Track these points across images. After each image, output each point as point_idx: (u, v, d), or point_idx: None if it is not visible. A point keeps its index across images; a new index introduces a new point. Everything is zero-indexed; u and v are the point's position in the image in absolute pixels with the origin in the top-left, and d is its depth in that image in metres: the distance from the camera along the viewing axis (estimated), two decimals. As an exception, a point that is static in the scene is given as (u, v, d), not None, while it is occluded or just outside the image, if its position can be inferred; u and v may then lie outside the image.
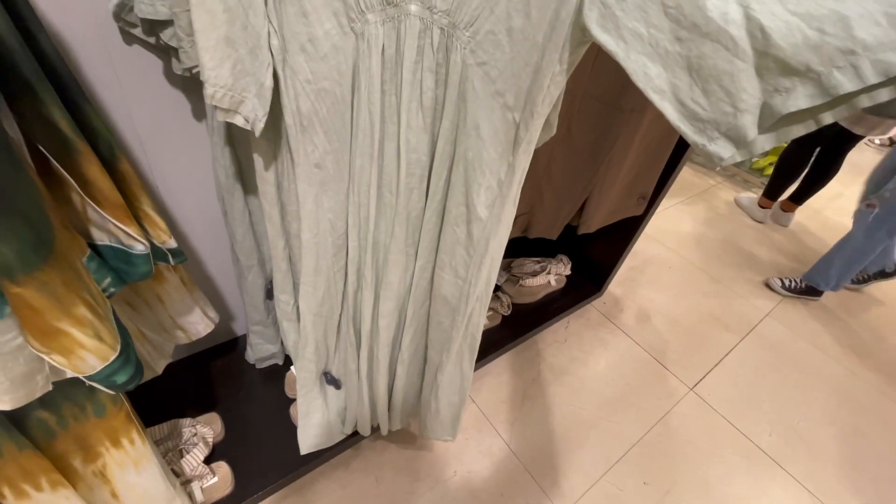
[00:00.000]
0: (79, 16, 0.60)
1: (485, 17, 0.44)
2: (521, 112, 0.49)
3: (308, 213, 0.60)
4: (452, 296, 0.68)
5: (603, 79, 0.83)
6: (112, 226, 0.52)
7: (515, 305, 1.45)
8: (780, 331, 1.64)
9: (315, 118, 0.53)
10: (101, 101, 0.67)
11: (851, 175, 2.84)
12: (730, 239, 2.08)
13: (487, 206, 0.56)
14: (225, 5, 0.43)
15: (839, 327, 1.70)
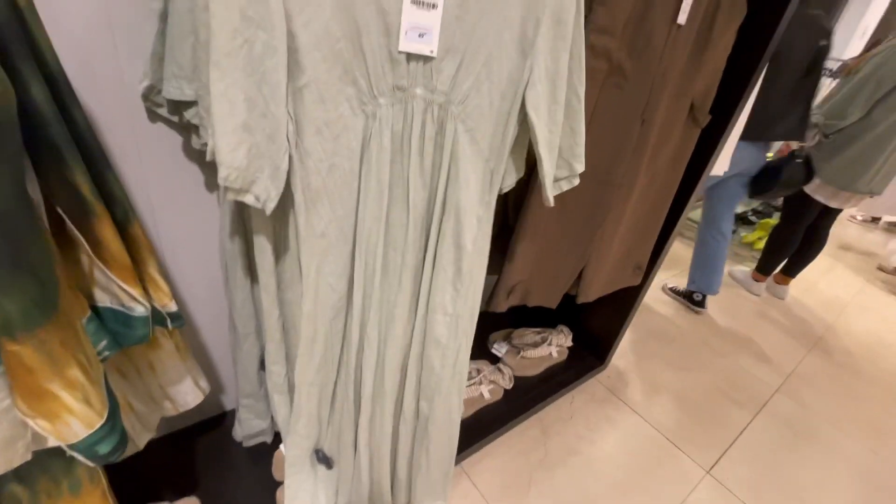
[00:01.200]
0: (110, 94, 0.66)
1: (473, 96, 0.56)
2: (494, 162, 0.63)
3: (310, 284, 0.62)
4: (443, 335, 0.71)
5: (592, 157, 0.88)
6: (116, 287, 0.52)
7: (517, 378, 1.40)
8: (793, 407, 1.58)
9: (323, 192, 0.56)
10: (120, 168, 0.71)
11: (841, 250, 2.92)
12: (729, 312, 2.08)
13: (472, 241, 0.65)
14: (245, 95, 0.46)
15: (852, 404, 1.64)
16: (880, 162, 1.66)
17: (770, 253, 2.12)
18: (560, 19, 0.55)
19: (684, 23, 0.77)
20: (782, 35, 0.92)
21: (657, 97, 0.83)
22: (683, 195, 1.16)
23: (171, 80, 0.64)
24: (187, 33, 0.60)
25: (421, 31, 0.50)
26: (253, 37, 0.44)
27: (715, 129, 1.04)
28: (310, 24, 0.46)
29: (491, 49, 0.54)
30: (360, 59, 0.50)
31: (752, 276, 2.22)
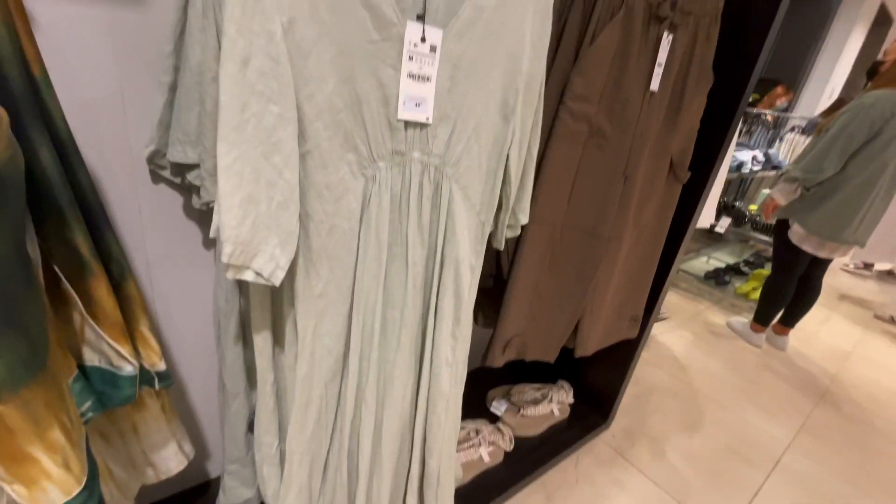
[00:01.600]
0: (116, 157, 0.69)
1: (465, 157, 0.61)
2: (485, 215, 0.68)
3: (306, 346, 0.61)
4: (447, 386, 0.70)
5: (579, 210, 0.91)
6: (106, 345, 0.52)
7: (518, 439, 1.34)
8: (806, 464, 1.51)
9: (323, 252, 0.57)
10: (120, 225, 0.73)
11: (836, 300, 2.93)
12: (730, 364, 2.04)
13: (468, 289, 0.68)
14: (252, 167, 0.46)
15: (869, 460, 1.57)
16: (862, 213, 1.71)
17: (765, 303, 2.13)
18: (530, 88, 0.62)
19: (657, 90, 0.84)
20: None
21: (637, 156, 0.88)
22: (672, 247, 1.18)
23: (175, 145, 0.67)
24: (194, 103, 0.64)
25: (417, 102, 0.54)
26: (263, 110, 0.45)
27: (696, 185, 1.09)
28: (313, 96, 0.48)
29: (479, 116, 0.59)
30: (361, 128, 0.53)
31: (751, 327, 2.21)
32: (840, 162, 1.67)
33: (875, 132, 1.60)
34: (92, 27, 0.61)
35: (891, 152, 1.62)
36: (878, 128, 1.59)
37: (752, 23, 0.96)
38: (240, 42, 0.42)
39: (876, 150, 1.62)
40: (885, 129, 1.59)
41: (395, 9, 0.48)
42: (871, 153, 1.63)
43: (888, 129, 1.59)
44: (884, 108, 1.58)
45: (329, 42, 0.47)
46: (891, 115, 1.57)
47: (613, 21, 0.74)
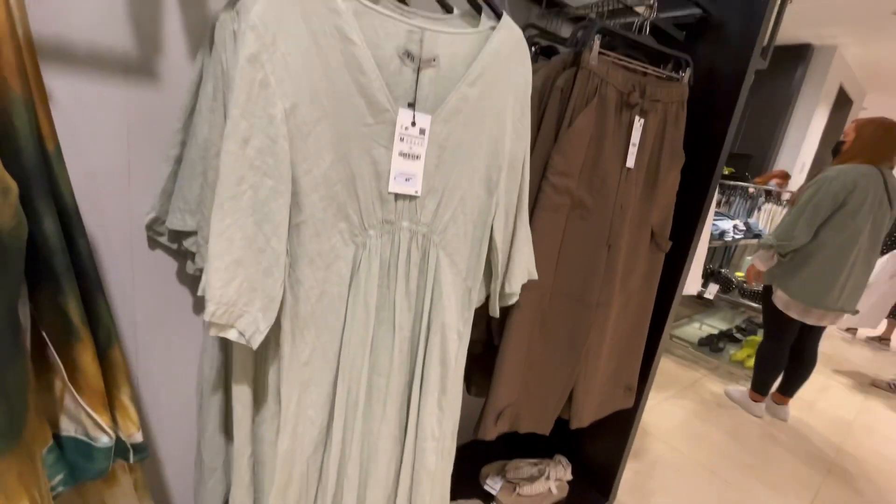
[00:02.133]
0: (115, 222, 0.72)
1: (452, 226, 0.64)
2: (472, 281, 0.69)
3: (289, 418, 0.60)
4: (433, 462, 0.67)
5: (566, 278, 0.94)
6: (84, 415, 0.50)
7: (512, 521, 1.26)
8: (822, 549, 1.41)
9: (311, 319, 0.58)
10: (112, 290, 0.74)
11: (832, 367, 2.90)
12: (733, 435, 1.97)
13: (455, 356, 0.68)
14: (244, 233, 0.49)
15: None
16: (842, 279, 1.76)
17: (760, 371, 2.11)
18: (513, 166, 0.67)
19: (633, 166, 0.90)
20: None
21: (619, 226, 0.92)
22: (662, 314, 1.20)
23: (175, 213, 0.70)
24: (197, 175, 0.68)
25: (407, 177, 0.58)
26: (259, 183, 0.49)
27: (679, 253, 1.13)
28: (311, 171, 0.52)
29: (465, 189, 0.63)
30: (354, 199, 0.56)
31: (750, 397, 2.17)
32: (809, 230, 1.77)
33: (840, 203, 1.72)
34: (107, 104, 0.66)
35: (859, 221, 1.72)
36: (841, 199, 1.71)
37: (716, 108, 1.05)
38: (242, 124, 0.46)
39: (844, 219, 1.72)
40: (848, 199, 1.71)
41: (388, 97, 0.53)
42: (841, 222, 1.73)
43: (851, 199, 1.70)
44: (845, 181, 1.70)
45: (328, 124, 0.51)
46: (853, 186, 1.70)
47: (589, 107, 0.81)
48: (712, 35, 1.05)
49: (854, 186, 1.69)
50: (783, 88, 3.83)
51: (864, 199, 1.70)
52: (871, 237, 1.76)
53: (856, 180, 1.69)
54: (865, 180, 1.70)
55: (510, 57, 0.61)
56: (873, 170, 1.72)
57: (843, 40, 3.60)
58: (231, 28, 0.63)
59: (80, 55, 0.62)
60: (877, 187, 1.71)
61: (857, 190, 1.69)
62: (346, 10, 0.48)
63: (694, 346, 2.75)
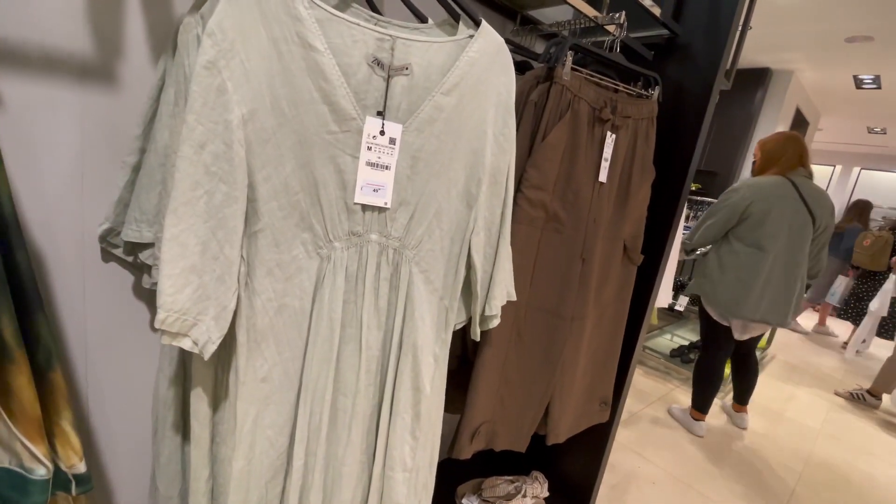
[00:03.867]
0: (63, 234, 0.67)
1: (426, 241, 0.62)
2: (448, 300, 0.66)
3: (244, 437, 0.57)
4: (402, 495, 0.63)
5: (541, 291, 0.93)
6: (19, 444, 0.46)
7: (488, 541, 1.22)
8: (793, 560, 1.43)
9: (270, 332, 0.55)
10: (59, 308, 0.68)
11: (800, 375, 2.99)
12: (706, 446, 1.99)
13: (430, 380, 0.64)
14: (198, 239, 0.48)
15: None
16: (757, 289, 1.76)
17: (697, 387, 2.07)
18: (496, 180, 0.65)
19: (605, 181, 0.91)
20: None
21: (592, 239, 0.93)
22: (634, 327, 1.21)
23: (131, 224, 0.66)
24: (156, 183, 0.65)
25: (375, 187, 0.56)
26: (214, 188, 0.47)
27: (651, 266, 1.14)
28: (270, 178, 0.50)
29: (441, 202, 0.61)
30: (318, 209, 0.54)
31: (691, 414, 2.11)
32: (705, 236, 1.86)
33: (741, 213, 1.77)
34: (60, 108, 0.62)
35: (767, 231, 1.74)
36: (741, 209, 1.76)
37: (685, 125, 1.08)
38: (198, 129, 0.44)
39: (751, 228, 1.77)
40: (749, 211, 1.76)
41: (354, 105, 0.52)
42: (748, 231, 1.78)
43: (753, 210, 1.75)
44: (745, 193, 1.77)
45: (289, 131, 0.49)
46: (752, 198, 1.75)
47: (562, 121, 0.81)
48: (680, 55, 1.09)
49: (754, 198, 1.74)
50: (745, 109, 4.02)
51: (767, 209, 1.73)
52: (789, 247, 1.77)
53: (756, 192, 1.75)
54: (768, 191, 1.74)
55: (490, 65, 0.59)
56: (780, 180, 1.76)
57: (799, 65, 3.82)
58: (195, 32, 0.60)
59: (31, 56, 0.59)
60: (785, 196, 1.74)
61: (757, 201, 1.74)
62: (308, 17, 0.47)
63: (666, 358, 2.79)
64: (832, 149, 7.51)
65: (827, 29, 3.03)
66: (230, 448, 0.61)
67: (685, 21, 1.07)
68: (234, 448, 0.56)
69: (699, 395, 2.07)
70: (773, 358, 3.28)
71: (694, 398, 2.09)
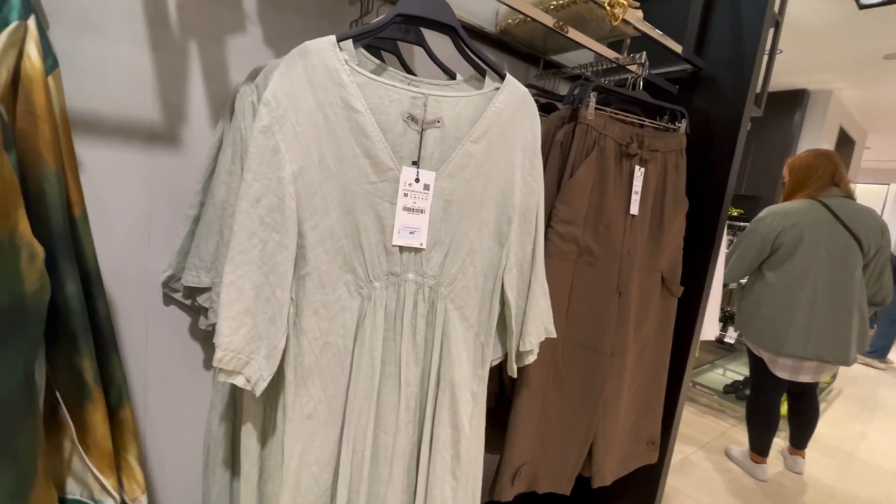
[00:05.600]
0: (130, 282, 0.74)
1: (460, 278, 0.64)
2: (484, 336, 0.68)
3: (290, 473, 0.59)
4: None
5: (578, 325, 0.93)
6: (91, 477, 0.50)
7: (534, 592, 1.16)
8: None
9: (315, 370, 0.59)
10: (124, 348, 0.75)
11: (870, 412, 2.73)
12: (771, 491, 1.83)
13: (468, 419, 0.65)
14: (252, 283, 0.53)
15: None
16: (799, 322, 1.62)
17: (751, 429, 1.93)
18: (526, 218, 0.67)
19: (637, 213, 0.91)
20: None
21: (628, 272, 0.92)
22: (680, 361, 1.16)
23: (191, 270, 0.73)
24: (214, 233, 0.71)
25: (411, 230, 0.60)
26: (267, 237, 0.52)
27: (692, 297, 1.11)
28: (317, 227, 0.55)
29: (473, 241, 0.64)
30: (359, 252, 0.58)
31: (750, 457, 1.96)
32: (737, 271, 1.72)
33: (771, 244, 1.64)
34: (131, 170, 0.71)
35: (802, 259, 1.61)
36: (771, 239, 1.64)
37: (716, 154, 1.08)
38: (255, 185, 0.50)
39: (784, 258, 1.64)
40: (780, 241, 1.63)
41: (391, 157, 0.56)
42: (781, 262, 1.65)
43: (784, 240, 1.62)
44: (772, 223, 1.64)
45: (334, 184, 0.54)
46: (780, 227, 1.62)
47: (589, 158, 0.84)
48: (705, 86, 1.10)
49: (782, 226, 1.62)
50: (784, 131, 3.91)
51: (799, 236, 1.60)
52: (831, 276, 1.61)
53: (783, 220, 1.63)
54: (797, 217, 1.62)
55: (516, 113, 0.63)
56: (811, 204, 1.64)
57: (837, 85, 3.71)
58: (250, 99, 0.68)
59: (108, 126, 0.67)
60: (819, 221, 1.61)
61: (787, 229, 1.62)
62: (350, 83, 0.53)
63: (719, 394, 2.63)
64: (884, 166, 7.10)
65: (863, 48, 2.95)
66: (277, 484, 0.64)
67: (708, 53, 1.09)
68: (282, 484, 0.58)
69: (755, 437, 1.93)
70: (840, 393, 3.02)
71: (751, 440, 1.95)
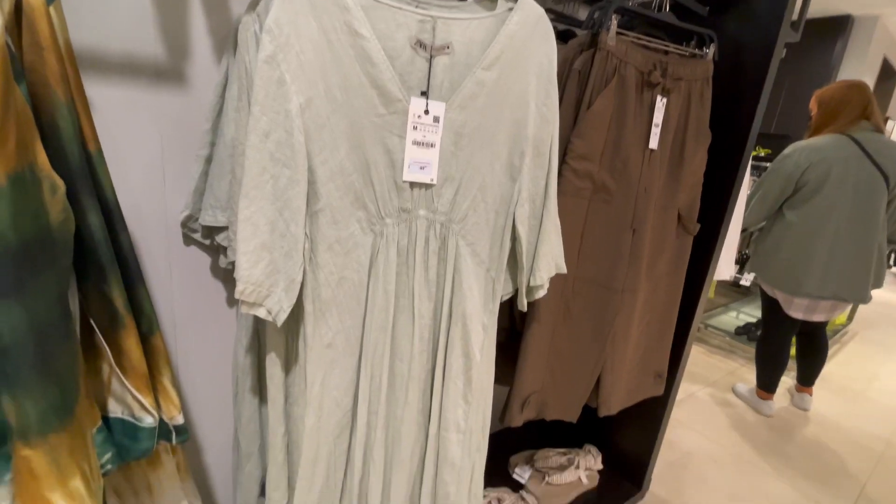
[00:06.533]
0: (150, 222, 0.76)
1: (471, 215, 0.64)
2: (495, 272, 0.68)
3: (314, 397, 0.63)
4: (457, 455, 0.67)
5: (590, 264, 0.93)
6: (130, 397, 0.54)
7: (543, 509, 1.26)
8: (872, 543, 1.35)
9: (332, 303, 0.61)
10: (152, 284, 0.78)
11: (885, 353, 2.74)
12: (773, 427, 1.90)
13: (480, 349, 0.68)
14: (267, 219, 0.53)
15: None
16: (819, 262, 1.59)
17: (759, 367, 1.96)
18: (539, 151, 0.66)
19: (656, 147, 0.88)
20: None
21: (643, 209, 0.91)
22: (692, 300, 1.17)
23: (208, 210, 0.74)
24: (226, 173, 0.72)
25: (422, 165, 0.59)
26: (279, 173, 0.52)
27: (708, 237, 1.09)
28: (327, 162, 0.55)
29: (484, 176, 0.63)
30: (370, 188, 0.58)
31: (757, 394, 2.01)
32: (760, 213, 1.66)
33: (796, 181, 1.57)
34: (142, 109, 0.70)
35: (827, 197, 1.55)
36: (796, 178, 1.57)
37: (745, 84, 1.01)
38: (263, 119, 0.49)
39: (808, 196, 1.57)
40: (806, 178, 1.56)
41: (399, 87, 0.54)
42: (804, 200, 1.58)
43: (810, 178, 1.55)
44: (798, 160, 1.56)
45: (342, 116, 0.53)
46: (807, 163, 1.54)
47: (608, 88, 0.80)
48: (738, 8, 1.01)
49: (809, 163, 1.54)
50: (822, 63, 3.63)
51: (826, 173, 1.52)
52: (857, 214, 1.56)
53: (810, 156, 1.54)
54: (825, 153, 1.53)
55: (531, 36, 0.60)
56: (840, 139, 1.54)
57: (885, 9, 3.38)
58: (253, 29, 0.65)
59: (112, 62, 0.66)
60: (847, 157, 1.52)
61: (814, 165, 1.53)
62: (354, 6, 0.50)
63: (731, 336, 2.66)
64: (931, 102, 6.61)
65: (923, -37, 2.65)
66: (301, 407, 0.68)
67: (744, -29, 1.00)
68: (306, 407, 0.62)
69: (763, 374, 1.97)
70: (857, 335, 3.03)
71: (758, 377, 1.99)
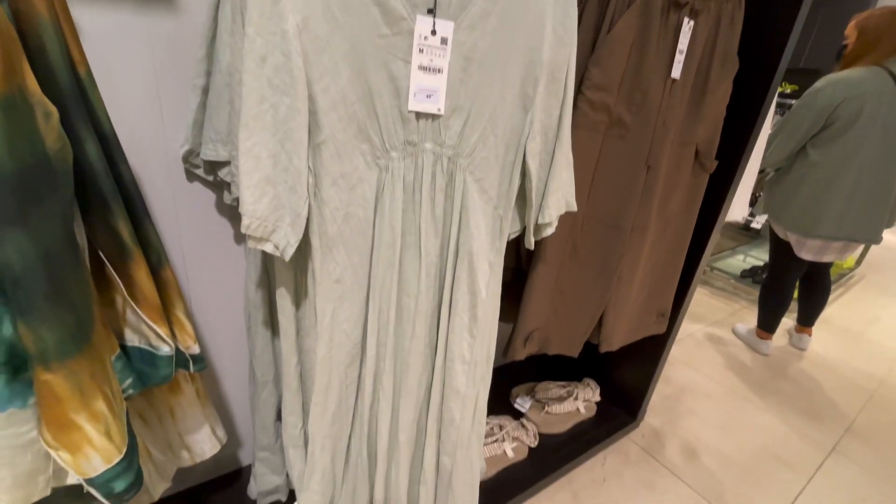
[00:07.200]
0: (154, 156, 0.74)
1: (480, 149, 0.61)
2: (503, 209, 0.67)
3: (325, 329, 0.64)
4: (462, 384, 0.69)
5: (600, 203, 0.91)
6: (145, 326, 0.56)
7: (542, 436, 1.33)
8: (852, 470, 1.43)
9: (339, 239, 0.60)
10: (158, 220, 0.78)
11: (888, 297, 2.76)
12: (769, 365, 1.95)
13: (485, 286, 0.68)
14: (269, 152, 0.51)
15: (923, 467, 1.47)
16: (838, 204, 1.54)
17: (762, 307, 1.97)
18: (554, 78, 0.61)
19: (678, 77, 0.82)
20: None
21: (660, 145, 0.87)
22: (701, 241, 1.15)
23: (208, 144, 0.72)
24: (224, 104, 0.68)
25: (428, 93, 0.56)
26: (278, 102, 0.49)
27: (724, 175, 1.06)
28: (328, 89, 0.51)
29: (495, 106, 0.60)
30: (374, 119, 0.55)
31: (757, 334, 2.04)
32: (784, 150, 1.56)
33: (825, 118, 1.47)
34: (131, 34, 0.66)
35: (856, 135, 1.45)
36: (827, 114, 1.46)
37: (779, 7, 0.93)
38: (258, 41, 0.46)
39: (836, 134, 1.48)
40: (837, 114, 1.45)
41: (404, 4, 0.50)
42: (832, 139, 1.49)
43: (841, 114, 1.44)
44: (832, 94, 1.44)
45: (342, 38, 0.49)
46: (841, 98, 1.43)
47: (631, 9, 0.73)
48: (782, -84, 0.91)
49: (843, 98, 1.43)
50: (864, -11, 3.32)
51: (858, 109, 1.42)
52: (881, 154, 1.48)
53: (846, 90, 1.42)
54: (861, 87, 1.41)
55: None
56: (878, 72, 1.42)
57: (948, -79, 3.02)
58: (243, -61, 0.59)
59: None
60: (882, 93, 1.41)
61: (848, 101, 1.42)
62: None
63: (735, 278, 2.67)
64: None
65: None
66: (313, 339, 0.70)
67: None
68: (318, 339, 0.64)
69: (765, 315, 1.99)
70: (863, 279, 3.03)
71: (760, 318, 2.02)
